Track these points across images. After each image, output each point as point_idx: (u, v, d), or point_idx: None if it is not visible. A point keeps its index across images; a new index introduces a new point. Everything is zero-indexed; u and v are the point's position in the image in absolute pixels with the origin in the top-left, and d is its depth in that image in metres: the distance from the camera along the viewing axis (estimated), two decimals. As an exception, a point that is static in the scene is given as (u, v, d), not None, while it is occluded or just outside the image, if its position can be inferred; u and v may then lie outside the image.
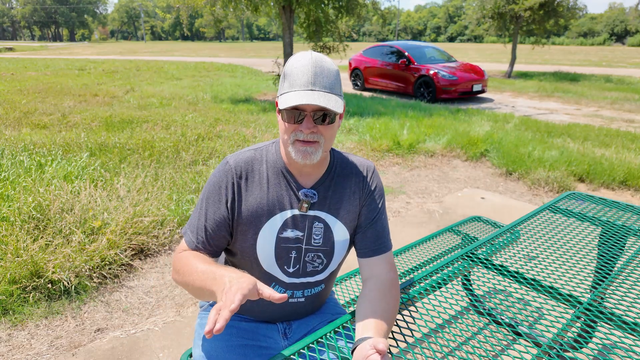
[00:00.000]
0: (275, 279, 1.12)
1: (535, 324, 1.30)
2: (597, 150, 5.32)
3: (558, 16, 13.52)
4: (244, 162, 1.08)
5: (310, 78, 0.95)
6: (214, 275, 0.87)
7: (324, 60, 0.98)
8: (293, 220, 1.08)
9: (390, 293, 1.04)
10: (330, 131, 1.01)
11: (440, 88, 9.91)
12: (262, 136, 5.83)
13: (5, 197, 3.11)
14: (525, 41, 17.08)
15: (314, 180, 1.10)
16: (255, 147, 1.13)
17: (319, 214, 1.09)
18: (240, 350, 1.13)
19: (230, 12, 11.29)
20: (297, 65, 0.97)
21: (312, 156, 0.99)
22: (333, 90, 0.98)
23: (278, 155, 1.10)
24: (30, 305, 2.30)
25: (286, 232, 1.08)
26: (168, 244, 3.02)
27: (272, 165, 1.09)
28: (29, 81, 11.68)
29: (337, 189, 1.11)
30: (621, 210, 1.78)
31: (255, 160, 1.09)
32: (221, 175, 1.07)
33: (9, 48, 36.89)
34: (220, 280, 0.84)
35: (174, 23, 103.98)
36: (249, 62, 22.34)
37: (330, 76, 0.98)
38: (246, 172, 1.07)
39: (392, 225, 3.45)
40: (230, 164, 1.07)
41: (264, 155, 1.10)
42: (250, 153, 1.10)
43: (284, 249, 1.09)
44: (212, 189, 1.07)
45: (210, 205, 1.06)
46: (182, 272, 0.99)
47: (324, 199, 1.10)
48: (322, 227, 1.10)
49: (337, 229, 1.11)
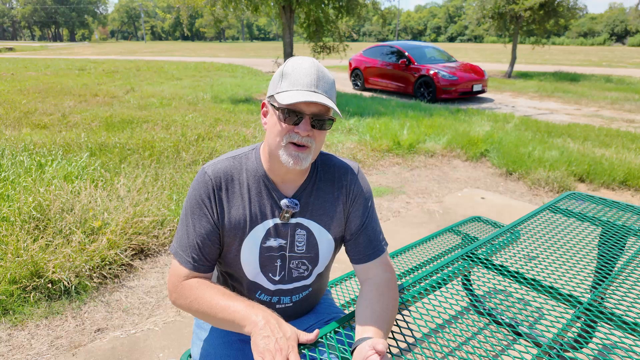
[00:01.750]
0: (261, 287, 1.12)
1: (535, 324, 1.30)
2: (597, 151, 5.32)
3: (558, 16, 13.53)
4: (223, 172, 1.04)
5: (314, 80, 0.95)
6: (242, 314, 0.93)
7: (324, 68, 0.99)
8: (275, 229, 1.06)
9: (388, 293, 1.03)
10: (322, 137, 1.00)
11: (440, 88, 9.91)
12: (262, 136, 5.83)
13: (6, 197, 3.11)
14: (526, 41, 17.08)
15: (295, 187, 1.07)
16: (234, 154, 1.09)
17: (301, 220, 1.08)
18: (238, 345, 1.13)
19: (231, 12, 11.30)
20: (299, 67, 0.96)
21: (303, 162, 0.97)
22: (331, 97, 0.98)
23: (258, 163, 1.06)
24: (30, 305, 2.30)
25: (269, 241, 1.06)
26: (168, 244, 3.02)
27: (252, 173, 1.05)
28: (29, 81, 11.68)
29: (319, 194, 1.09)
30: (621, 210, 1.78)
31: (234, 169, 1.05)
32: (200, 187, 1.03)
33: (9, 48, 36.91)
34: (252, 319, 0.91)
35: (174, 23, 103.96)
36: (249, 62, 22.34)
37: (329, 83, 0.98)
38: (225, 182, 1.03)
39: (392, 225, 3.46)
40: (208, 174, 1.03)
41: (244, 163, 1.07)
42: (228, 162, 1.06)
43: (268, 258, 1.08)
44: (193, 203, 1.03)
45: (196, 221, 1.02)
46: (197, 302, 0.98)
47: (305, 205, 1.08)
48: (304, 234, 1.08)
49: (321, 235, 1.10)
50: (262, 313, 0.92)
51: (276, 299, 1.14)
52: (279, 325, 0.90)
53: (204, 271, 1.04)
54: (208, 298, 0.97)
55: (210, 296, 0.97)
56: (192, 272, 1.02)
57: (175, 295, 1.02)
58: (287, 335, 0.88)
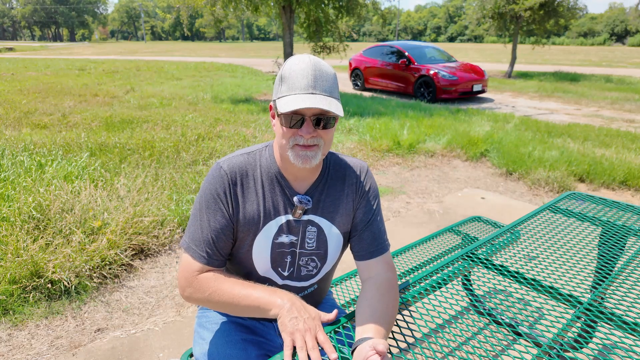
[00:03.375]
0: (270, 281, 1.13)
1: (535, 324, 1.30)
2: (598, 150, 5.32)
3: (558, 16, 13.53)
4: (238, 167, 1.05)
5: (311, 81, 0.94)
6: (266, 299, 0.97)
7: (322, 63, 0.97)
8: (287, 226, 1.08)
9: (389, 293, 1.04)
10: (329, 135, 1.00)
11: (440, 88, 9.91)
12: (263, 136, 5.83)
13: (6, 197, 3.11)
14: (526, 41, 17.08)
15: (307, 184, 1.09)
16: (248, 150, 1.10)
17: (312, 217, 1.09)
18: (241, 345, 1.13)
19: (231, 12, 11.30)
20: (296, 69, 0.95)
21: (312, 160, 0.98)
22: (332, 94, 0.97)
23: (272, 160, 1.08)
24: (30, 305, 2.30)
25: (281, 237, 1.08)
26: (168, 244, 3.02)
27: (265, 170, 1.07)
28: (29, 81, 11.68)
29: (330, 192, 1.11)
30: (621, 210, 1.78)
31: (249, 165, 1.06)
32: (216, 181, 1.03)
33: (9, 48, 36.90)
34: (278, 303, 0.96)
35: (174, 23, 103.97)
36: (249, 62, 22.34)
37: (329, 80, 0.97)
38: (241, 177, 1.05)
39: (392, 225, 3.46)
40: (224, 169, 1.04)
41: (258, 159, 1.08)
42: (243, 157, 1.07)
43: (279, 254, 1.09)
44: (208, 197, 1.03)
45: (211, 215, 1.03)
46: (217, 294, 1.00)
47: (317, 202, 1.09)
48: (315, 231, 1.10)
49: (331, 232, 1.11)
50: (286, 296, 0.97)
51: None
52: (304, 307, 0.95)
53: (217, 265, 1.04)
54: (228, 289, 0.99)
55: (230, 287, 0.99)
56: (205, 266, 1.03)
57: (191, 289, 1.02)
58: (312, 316, 0.93)
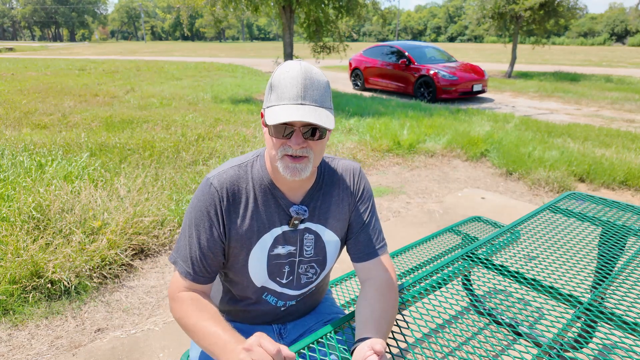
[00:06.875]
0: (268, 289, 1.12)
1: (535, 324, 1.30)
2: (598, 150, 5.32)
3: (558, 16, 13.52)
4: (229, 182, 1.01)
5: (300, 91, 0.89)
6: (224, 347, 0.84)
7: (314, 71, 0.92)
8: (284, 237, 1.05)
9: (388, 293, 1.03)
10: (320, 146, 0.96)
11: (440, 88, 9.91)
12: (262, 136, 5.83)
13: (6, 197, 3.11)
14: (526, 41, 17.07)
15: (302, 193, 1.06)
16: (238, 162, 1.05)
17: (309, 225, 1.07)
18: None
19: (231, 12, 11.30)
20: (286, 77, 0.90)
21: (301, 173, 0.94)
22: (324, 104, 0.92)
23: (264, 171, 1.04)
24: (30, 305, 2.30)
25: (277, 249, 1.06)
26: (168, 244, 3.02)
27: (258, 182, 1.03)
28: (29, 81, 11.68)
29: (325, 198, 1.09)
30: (621, 210, 1.78)
31: (240, 178, 1.02)
32: (206, 198, 0.99)
33: (9, 48, 36.89)
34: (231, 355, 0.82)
35: (174, 23, 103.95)
36: (249, 62, 22.34)
37: (320, 88, 0.92)
38: (232, 193, 1.00)
39: (392, 225, 3.46)
40: (214, 185, 0.99)
41: (249, 172, 1.04)
42: (234, 171, 1.03)
43: (276, 265, 1.08)
44: (198, 214, 1.00)
45: (201, 232, 0.99)
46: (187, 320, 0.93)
47: (313, 210, 1.07)
48: (312, 238, 1.08)
49: (328, 237, 1.10)
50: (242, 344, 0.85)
51: (282, 303, 1.15)
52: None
53: (203, 282, 1.01)
54: (198, 319, 0.92)
55: (200, 317, 0.92)
56: (192, 283, 1.00)
57: (172, 303, 1.00)
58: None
